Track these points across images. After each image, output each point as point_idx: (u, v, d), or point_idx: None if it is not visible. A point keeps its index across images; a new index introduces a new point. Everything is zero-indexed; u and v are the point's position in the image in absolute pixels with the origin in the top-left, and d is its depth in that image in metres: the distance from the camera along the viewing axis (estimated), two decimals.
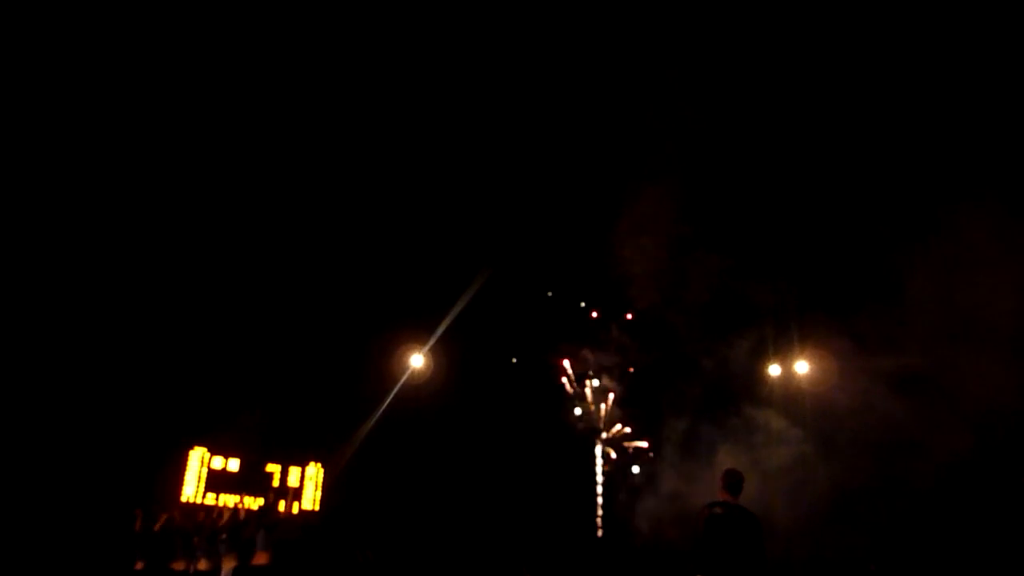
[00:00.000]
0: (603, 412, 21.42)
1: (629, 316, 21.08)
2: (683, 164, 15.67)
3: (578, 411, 21.42)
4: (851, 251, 16.19)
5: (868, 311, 15.01)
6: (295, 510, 17.67)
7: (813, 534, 16.60)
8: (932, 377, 13.86)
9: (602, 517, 20.30)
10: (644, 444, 21.08)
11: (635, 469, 20.88)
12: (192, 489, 17.34)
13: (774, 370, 17.96)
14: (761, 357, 17.99)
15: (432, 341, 18.25)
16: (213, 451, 17.70)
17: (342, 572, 16.86)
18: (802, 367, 17.43)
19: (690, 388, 18.31)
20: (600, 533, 19.86)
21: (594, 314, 21.59)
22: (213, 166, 17.59)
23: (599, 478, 20.63)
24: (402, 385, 17.75)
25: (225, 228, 18.00)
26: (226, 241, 18.03)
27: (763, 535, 5.80)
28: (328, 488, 18.36)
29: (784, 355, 17.89)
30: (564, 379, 21.48)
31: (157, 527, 12.06)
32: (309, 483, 18.29)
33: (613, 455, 21.23)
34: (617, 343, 21.11)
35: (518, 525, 18.10)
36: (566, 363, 21.50)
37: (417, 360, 18.09)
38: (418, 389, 17.60)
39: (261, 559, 8.29)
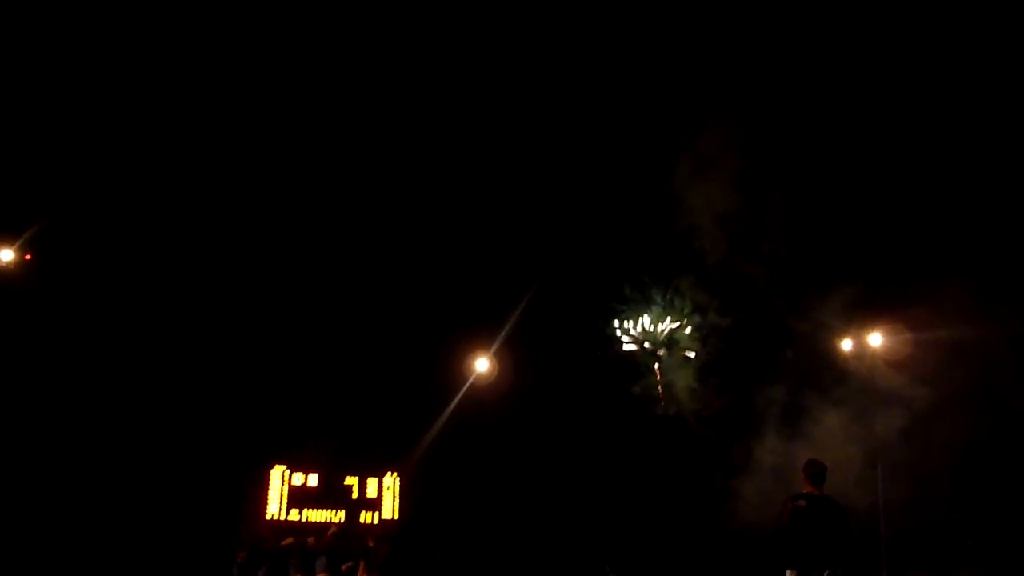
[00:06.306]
0: (684, 386, 19.35)
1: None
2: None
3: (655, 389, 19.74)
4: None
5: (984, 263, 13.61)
6: (375, 521, 17.73)
7: (925, 511, 15.29)
8: None
9: (690, 504, 18.99)
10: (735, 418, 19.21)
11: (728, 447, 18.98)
12: (276, 506, 17.65)
13: (871, 337, 15.96)
14: (861, 313, 15.93)
15: (498, 343, 18.02)
16: (292, 468, 17.92)
17: None
18: (893, 332, 15.68)
19: (780, 352, 16.85)
20: (687, 523, 18.72)
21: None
22: (279, 178, 17.78)
23: (680, 462, 19.25)
24: (469, 388, 17.59)
25: (292, 247, 18.24)
26: (292, 258, 18.25)
27: (851, 526, 5.46)
28: (406, 496, 18.38)
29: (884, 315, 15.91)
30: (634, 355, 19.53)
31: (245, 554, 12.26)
32: (387, 493, 18.35)
33: (702, 434, 19.50)
34: (693, 305, 18.89)
35: (599, 522, 17.61)
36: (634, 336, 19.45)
37: (482, 363, 17.98)
38: (484, 390, 17.42)
39: None
